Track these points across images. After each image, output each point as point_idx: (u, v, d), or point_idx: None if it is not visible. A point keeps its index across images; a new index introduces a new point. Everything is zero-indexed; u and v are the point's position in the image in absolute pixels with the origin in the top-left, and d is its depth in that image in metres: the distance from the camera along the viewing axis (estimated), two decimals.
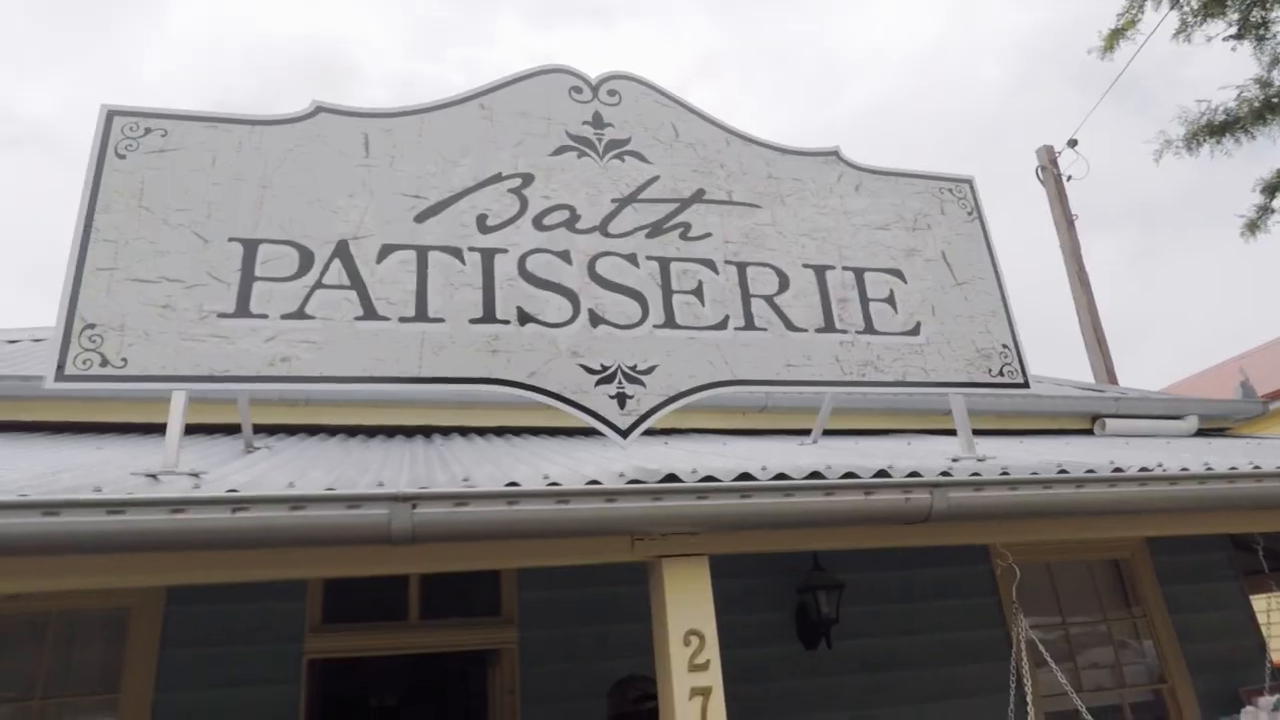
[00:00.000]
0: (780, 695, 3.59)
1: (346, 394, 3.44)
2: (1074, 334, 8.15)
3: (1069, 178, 8.46)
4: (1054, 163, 8.43)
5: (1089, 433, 4.91)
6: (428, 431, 3.55)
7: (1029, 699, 1.93)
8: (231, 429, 2.98)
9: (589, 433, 3.23)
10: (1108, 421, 4.87)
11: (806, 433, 3.47)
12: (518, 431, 3.62)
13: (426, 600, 3.47)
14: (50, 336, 1.99)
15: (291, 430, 3.35)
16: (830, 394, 2.91)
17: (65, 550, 1.40)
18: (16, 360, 3.65)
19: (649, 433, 3.32)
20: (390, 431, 3.49)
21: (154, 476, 1.66)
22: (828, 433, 3.64)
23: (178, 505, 1.41)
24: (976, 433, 2.72)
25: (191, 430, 2.24)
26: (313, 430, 3.38)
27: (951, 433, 2.78)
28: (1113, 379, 7.66)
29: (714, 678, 1.65)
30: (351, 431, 3.46)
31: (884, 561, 3.99)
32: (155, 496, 1.43)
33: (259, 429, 2.95)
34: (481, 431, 3.58)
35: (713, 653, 1.66)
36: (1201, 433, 5.20)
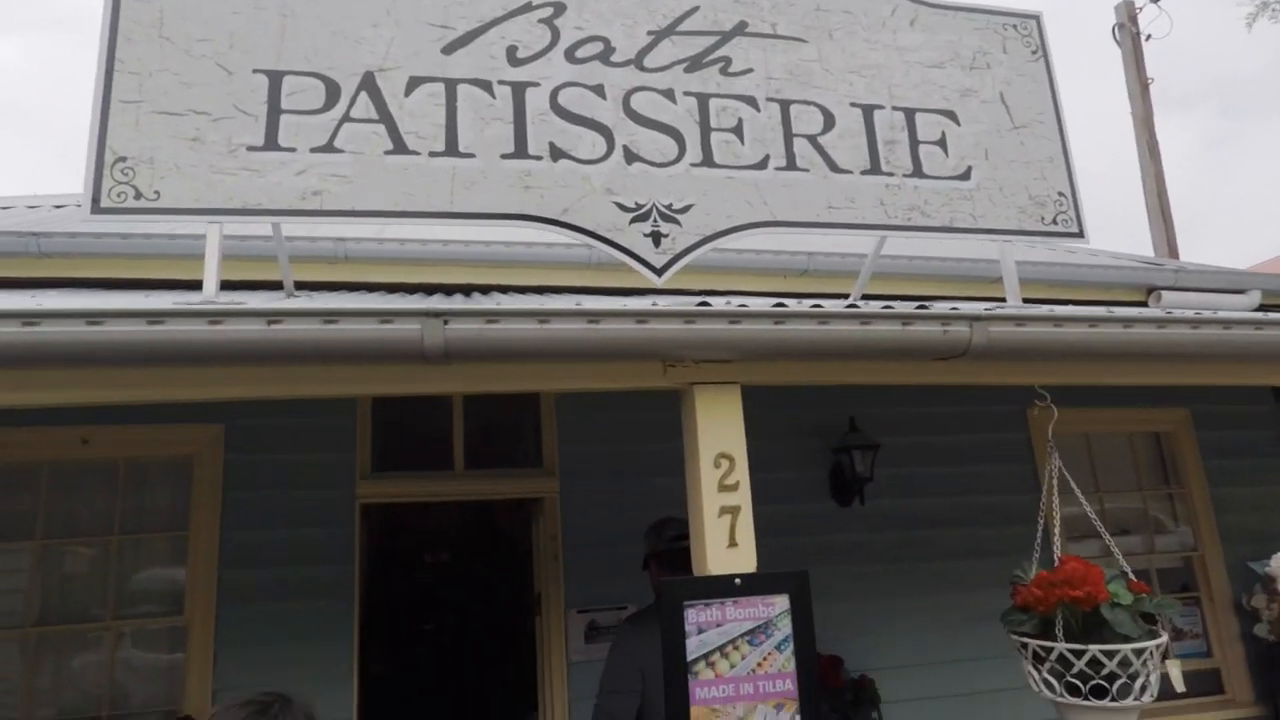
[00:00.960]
0: (813, 549, 3.69)
1: (381, 252, 3.46)
2: (1136, 214, 7.72)
3: (1148, 37, 7.79)
4: (1133, 20, 7.73)
5: (1143, 305, 4.73)
6: (468, 290, 3.56)
7: (1056, 540, 1.94)
8: (270, 286, 3.03)
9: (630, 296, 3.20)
10: (1164, 294, 4.66)
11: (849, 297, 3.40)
12: (559, 290, 3.62)
13: (471, 452, 3.60)
14: (80, 187, 2.00)
15: (332, 286, 3.39)
16: (873, 249, 2.82)
17: (106, 360, 1.45)
18: (39, 223, 3.71)
19: (686, 294, 3.30)
20: (430, 289, 3.52)
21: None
22: (868, 298, 3.57)
23: (215, 317, 1.44)
24: (1024, 302, 2.63)
25: (228, 287, 2.27)
26: (352, 287, 3.42)
27: (999, 300, 2.69)
28: (1175, 256, 7.31)
29: (743, 498, 1.68)
30: (391, 289, 3.49)
31: (920, 426, 3.99)
32: (194, 308, 1.46)
33: (298, 285, 2.99)
34: (523, 290, 3.59)
35: (742, 475, 1.68)
36: (1264, 308, 4.97)
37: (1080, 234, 2.58)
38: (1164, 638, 1.70)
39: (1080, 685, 1.69)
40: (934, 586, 3.78)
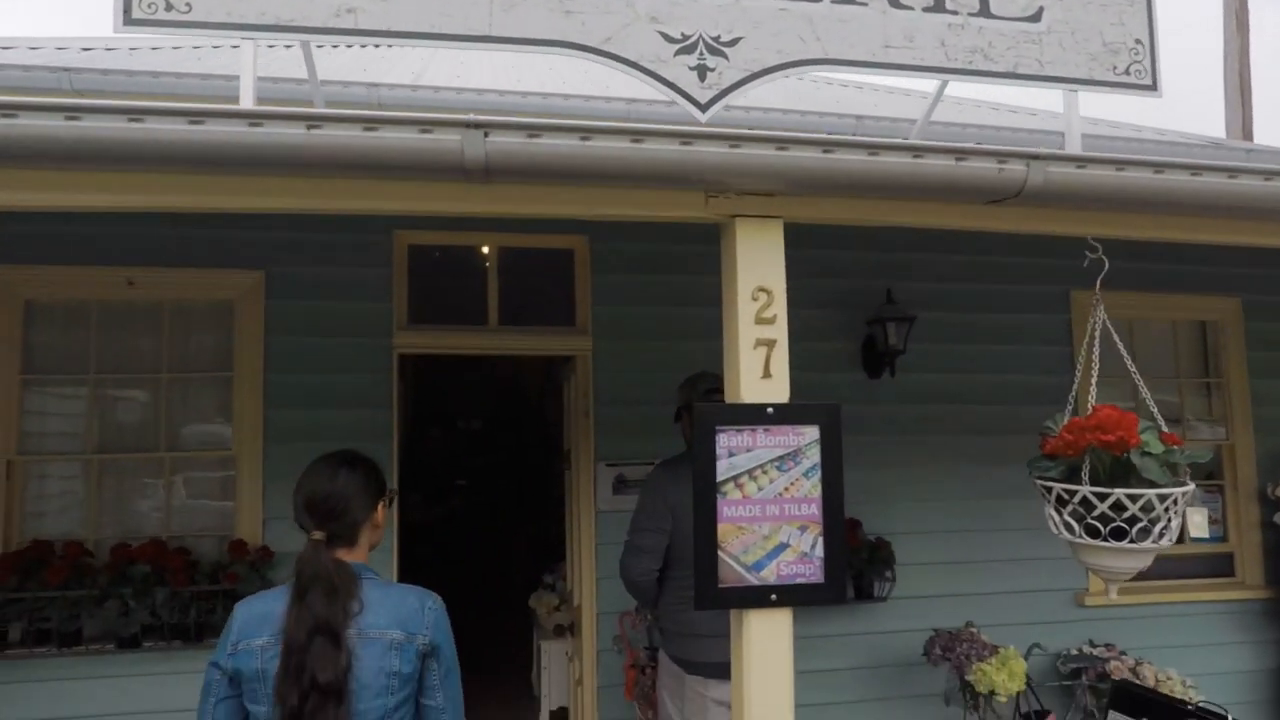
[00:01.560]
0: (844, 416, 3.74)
1: (415, 99, 3.37)
2: (1209, 95, 7.19)
3: None
4: None
5: None
6: None
7: (1091, 393, 1.92)
8: None
9: None
10: None
11: None
12: None
13: (505, 308, 3.64)
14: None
15: None
16: (933, 95, 2.68)
17: (145, 160, 1.44)
18: (70, 61, 3.65)
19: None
20: None
21: None
22: None
23: (255, 119, 1.42)
24: None
25: None
26: None
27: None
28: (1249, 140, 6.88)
29: (779, 332, 1.67)
30: None
31: (957, 302, 3.93)
32: (234, 109, 1.44)
33: None
34: None
35: (780, 309, 1.67)
36: None
37: (1154, 87, 2.42)
38: (1190, 486, 1.71)
39: (1100, 527, 1.72)
40: (957, 460, 3.83)
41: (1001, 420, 3.87)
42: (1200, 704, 2.38)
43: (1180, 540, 3.99)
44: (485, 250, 3.69)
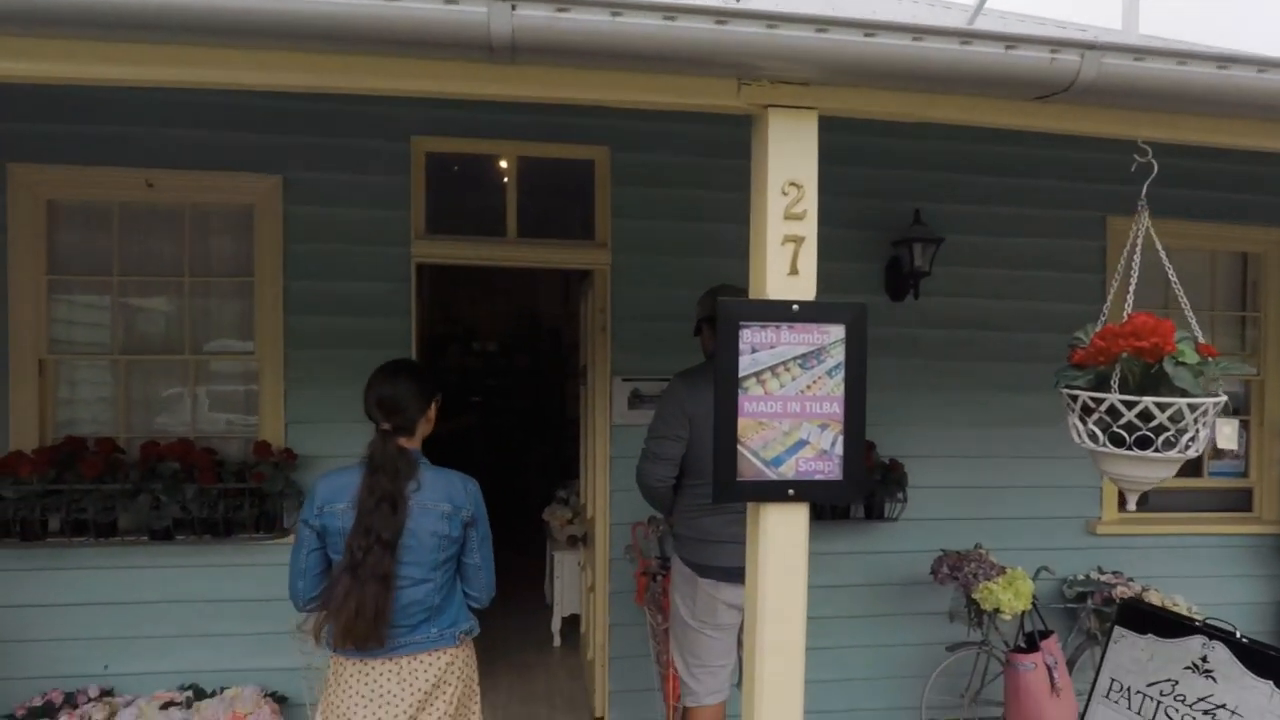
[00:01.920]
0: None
1: None
2: None
3: None
4: None
5: None
6: None
7: (1128, 302, 1.87)
8: None
9: None
10: None
11: None
12: None
13: (524, 219, 3.59)
14: None
15: None
16: None
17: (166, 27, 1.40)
18: None
19: None
20: None
21: None
22: None
23: None
24: None
25: None
26: None
27: None
28: None
29: (808, 229, 1.63)
30: None
31: (987, 225, 3.83)
32: None
33: None
34: None
35: (810, 205, 1.63)
36: None
37: None
38: (1223, 398, 1.68)
39: (1125, 436, 1.70)
40: (977, 386, 3.80)
41: (1024, 348, 3.82)
42: (1208, 619, 2.40)
43: (1198, 473, 4.02)
44: (504, 163, 3.62)
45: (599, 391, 3.68)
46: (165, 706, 3.11)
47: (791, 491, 1.64)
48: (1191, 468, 4.09)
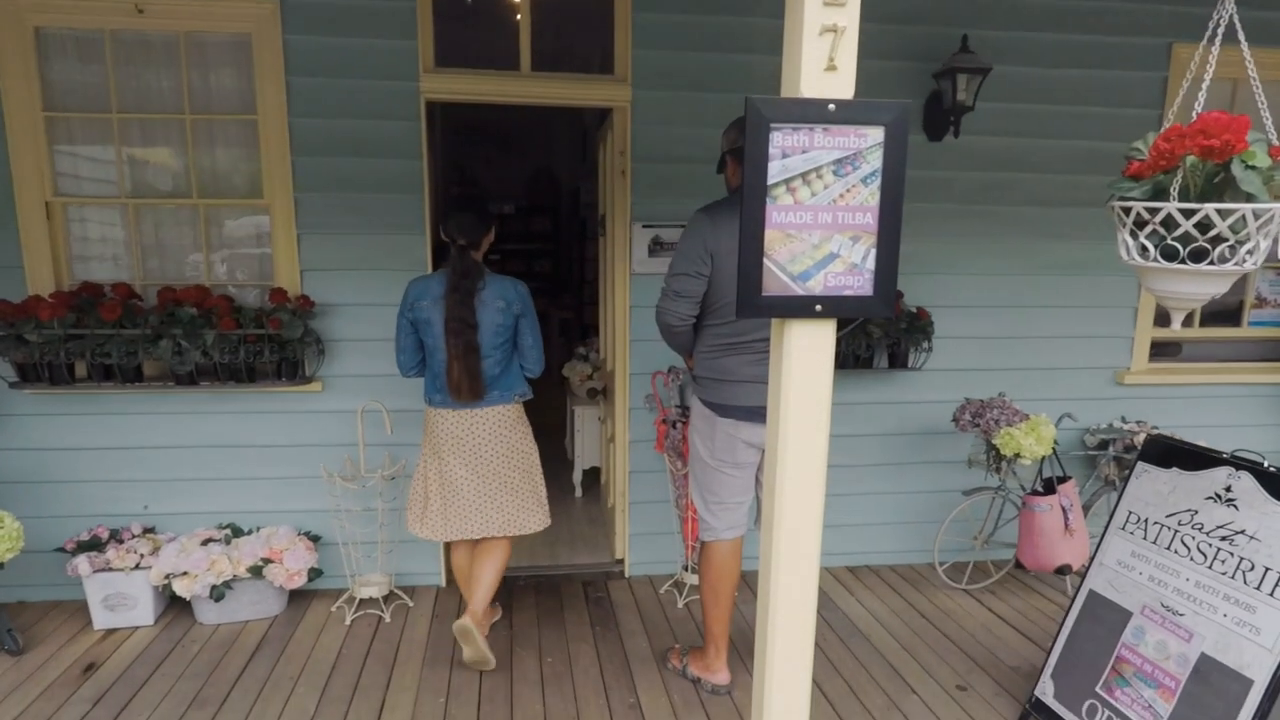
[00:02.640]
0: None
1: None
2: None
3: None
4: None
5: None
6: None
7: (1201, 97, 1.70)
8: None
9: None
10: None
11: None
12: None
13: (539, 53, 3.35)
14: None
15: None
16: None
17: None
18: None
19: None
20: None
21: None
22: None
23: None
24: None
25: None
26: None
27: None
28: None
29: (849, 18, 1.46)
30: None
31: (1038, 54, 3.54)
32: None
33: None
34: None
35: None
36: None
37: None
38: None
39: (1179, 248, 1.59)
40: (1011, 233, 3.64)
41: (1065, 190, 3.63)
42: (1235, 452, 2.36)
43: (1237, 323, 3.90)
44: None
45: (618, 239, 3.57)
46: (205, 543, 3.25)
47: (819, 307, 1.55)
48: (1231, 317, 3.96)
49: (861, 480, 3.75)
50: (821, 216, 1.53)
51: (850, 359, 3.53)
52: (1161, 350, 3.89)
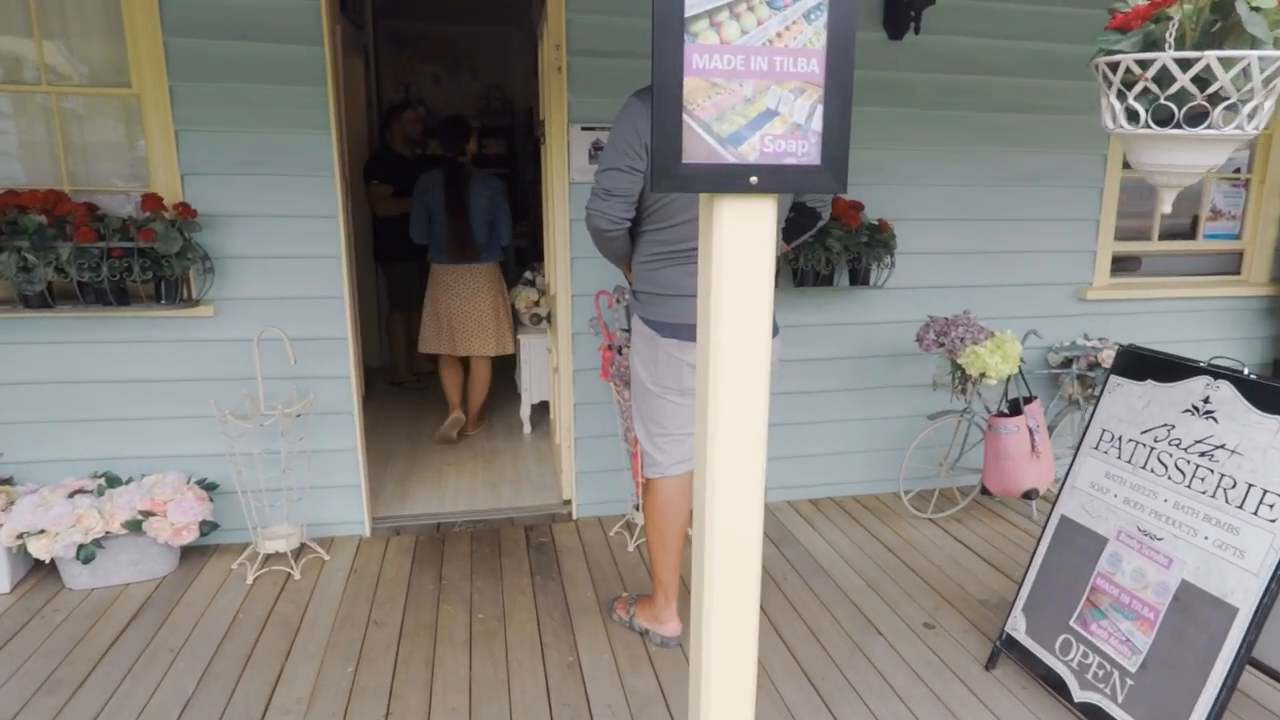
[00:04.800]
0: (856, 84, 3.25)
1: None
2: None
3: None
4: None
5: None
6: None
7: None
8: None
9: None
10: None
11: None
12: None
13: None
14: None
15: None
16: None
17: None
18: None
19: None
20: None
21: None
22: None
23: None
24: None
25: None
26: None
27: None
28: None
29: None
30: None
31: None
32: None
33: None
34: None
35: None
36: None
37: None
38: None
39: (1174, 109, 1.34)
40: (975, 140, 3.43)
41: (1034, 95, 3.43)
42: (1213, 360, 2.19)
43: (1192, 236, 3.83)
44: None
45: (555, 146, 3.19)
46: (74, 495, 2.76)
47: (755, 180, 1.19)
48: (1187, 230, 3.88)
49: (822, 407, 3.52)
50: (755, 61, 1.17)
51: (810, 276, 3.26)
52: (1121, 266, 3.78)
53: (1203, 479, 2.07)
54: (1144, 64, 1.38)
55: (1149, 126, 1.42)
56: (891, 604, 2.73)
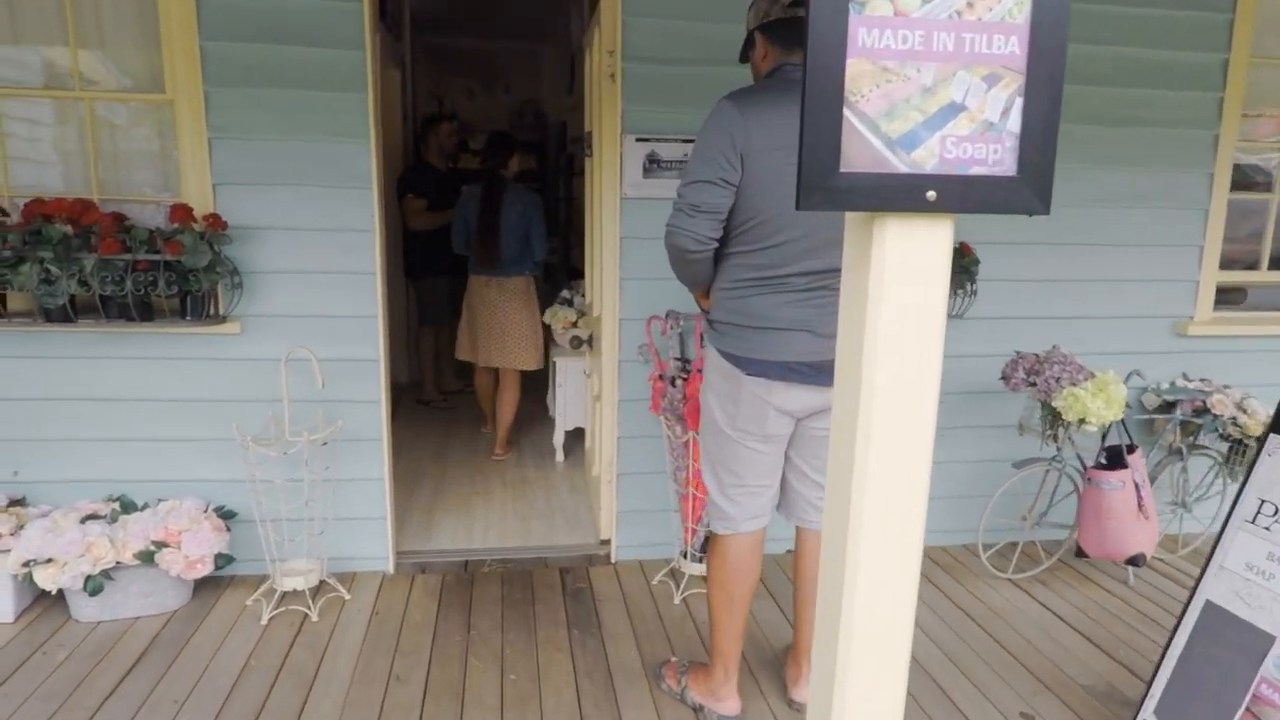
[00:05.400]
0: None
1: None
2: None
3: None
4: None
5: None
6: None
7: None
8: None
9: None
10: None
11: None
12: None
13: None
14: None
15: None
16: None
17: None
18: None
19: None
20: None
21: None
22: None
23: None
24: None
25: None
26: None
27: None
28: None
29: None
30: None
31: None
32: None
33: None
34: None
35: None
36: None
37: None
38: None
39: None
40: (1070, 154, 3.09)
41: (1132, 106, 3.11)
42: None
43: None
44: None
45: (606, 158, 2.97)
46: (86, 520, 2.59)
47: (932, 195, 0.91)
48: None
49: None
50: (939, 39, 0.89)
51: None
52: (1224, 298, 3.40)
53: None
54: None
55: None
56: (981, 686, 2.37)
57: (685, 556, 2.92)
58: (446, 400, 5.03)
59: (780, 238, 1.86)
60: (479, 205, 3.93)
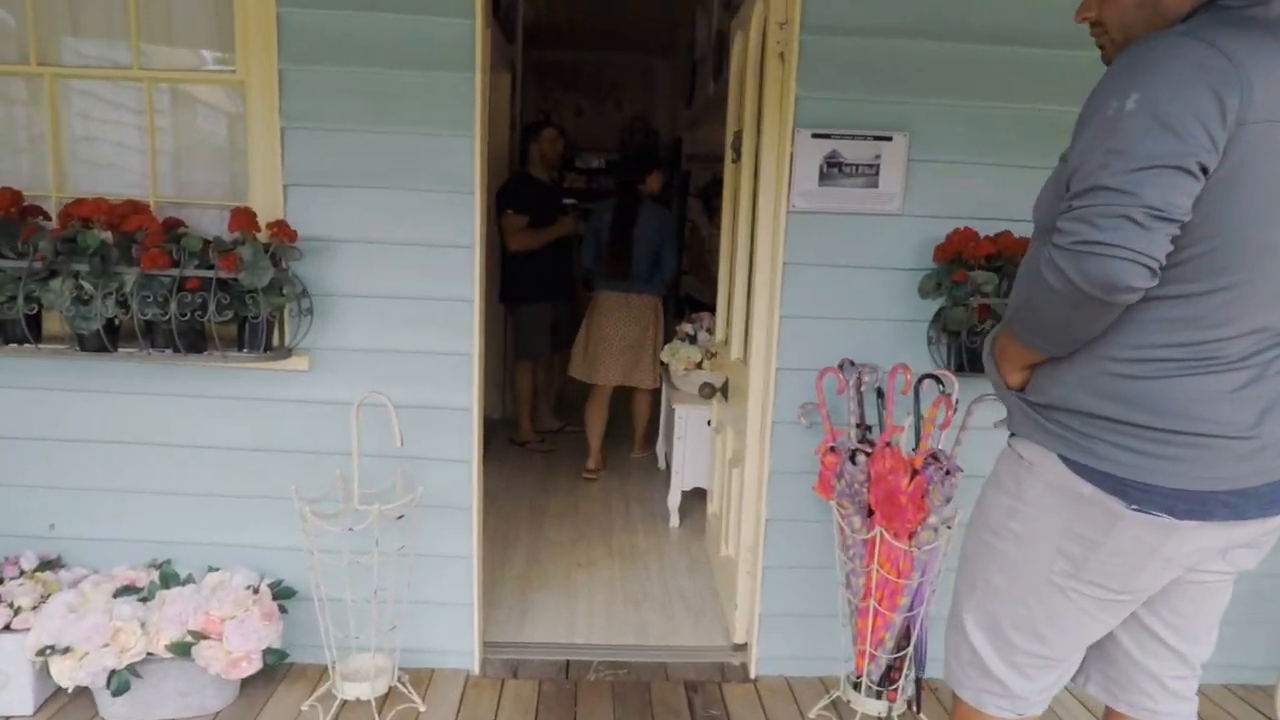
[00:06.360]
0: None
1: None
2: None
3: None
4: None
5: None
6: None
7: None
8: None
9: None
10: None
11: None
12: None
13: None
14: None
15: None
16: None
17: None
18: None
19: None
20: None
21: None
22: None
23: None
24: None
25: None
26: None
27: None
28: None
29: None
30: None
31: None
32: None
33: None
34: None
35: None
36: None
37: None
38: None
39: None
40: None
41: None
42: None
43: None
44: None
45: (766, 159, 2.30)
46: (120, 592, 2.11)
47: None
48: None
49: None
50: None
51: None
52: None
53: None
54: None
55: None
56: None
57: (858, 689, 2.20)
58: (544, 442, 4.45)
59: (1237, 275, 1.10)
60: (612, 218, 3.82)
